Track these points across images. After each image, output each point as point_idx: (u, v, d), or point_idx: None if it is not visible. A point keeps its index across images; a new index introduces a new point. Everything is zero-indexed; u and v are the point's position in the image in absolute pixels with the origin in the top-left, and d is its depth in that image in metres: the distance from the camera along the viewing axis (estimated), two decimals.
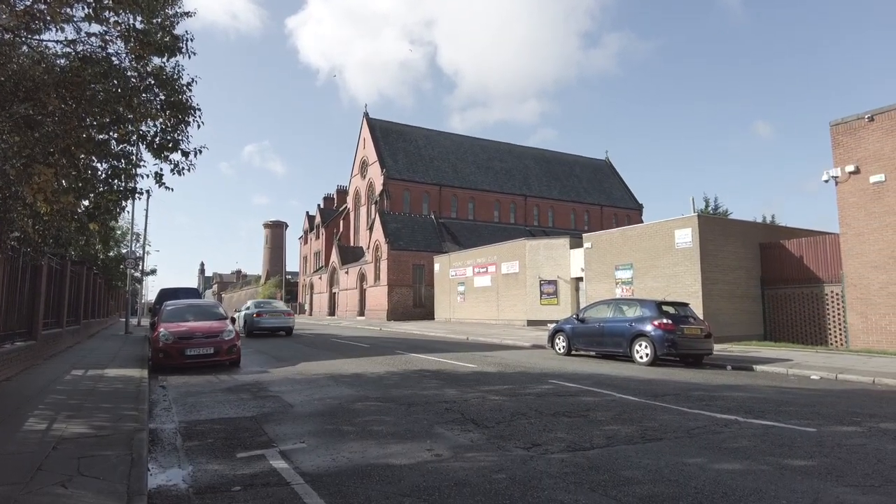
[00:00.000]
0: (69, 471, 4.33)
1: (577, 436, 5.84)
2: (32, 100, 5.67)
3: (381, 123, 54.52)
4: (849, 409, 7.52)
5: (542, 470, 4.65)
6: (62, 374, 10.01)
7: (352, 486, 4.25)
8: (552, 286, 28.23)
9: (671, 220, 20.16)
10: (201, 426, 6.41)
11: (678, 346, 12.46)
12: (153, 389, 9.07)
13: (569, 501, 3.92)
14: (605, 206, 61.29)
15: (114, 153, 7.49)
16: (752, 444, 5.56)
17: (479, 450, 5.32)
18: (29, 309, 10.97)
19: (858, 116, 16.01)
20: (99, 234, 10.13)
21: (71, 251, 14.92)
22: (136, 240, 30.23)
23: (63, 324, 14.71)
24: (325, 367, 11.86)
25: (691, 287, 18.78)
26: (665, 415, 6.99)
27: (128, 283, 28.74)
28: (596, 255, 23.36)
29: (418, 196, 50.92)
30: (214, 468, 4.77)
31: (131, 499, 3.81)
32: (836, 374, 10.73)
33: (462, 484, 4.28)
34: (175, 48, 6.83)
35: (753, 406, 7.59)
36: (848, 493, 4.12)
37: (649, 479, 4.44)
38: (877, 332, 15.35)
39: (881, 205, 15.41)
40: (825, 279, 18.21)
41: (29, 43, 6.51)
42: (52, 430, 5.65)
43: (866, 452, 5.25)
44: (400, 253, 42.95)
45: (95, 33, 6.48)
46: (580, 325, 14.61)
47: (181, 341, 11.60)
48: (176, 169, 7.62)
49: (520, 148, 62.54)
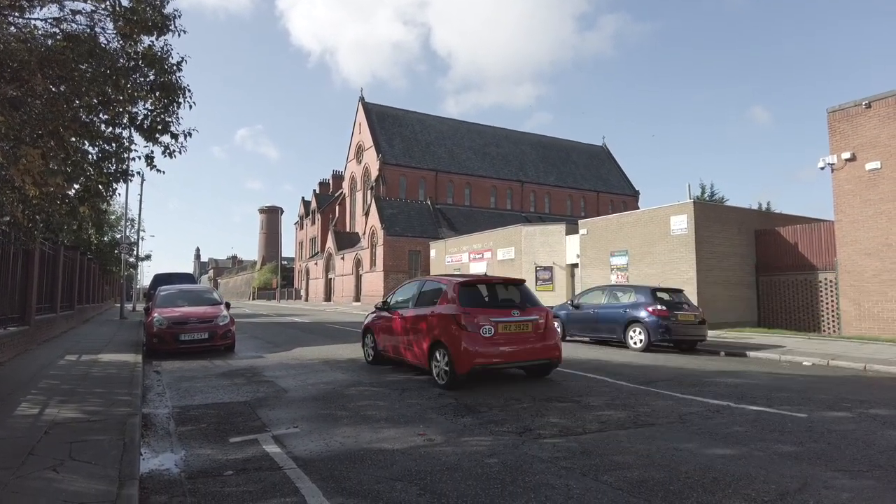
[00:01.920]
0: (61, 455, 4.32)
1: (569, 421, 5.87)
2: (18, 80, 5.56)
3: (377, 108, 54.08)
4: (840, 394, 7.58)
5: (533, 454, 4.67)
6: (56, 359, 9.98)
7: (344, 471, 4.26)
8: (548, 272, 28.27)
9: (667, 207, 20.14)
10: (195, 411, 6.41)
11: (672, 332, 12.52)
12: (147, 374, 9.06)
13: (560, 486, 3.94)
14: (602, 192, 61.25)
15: (104, 136, 7.37)
16: (744, 429, 5.60)
17: (471, 434, 5.34)
18: (21, 294, 10.90)
19: (856, 103, 15.95)
20: (91, 219, 10.03)
21: (63, 236, 14.79)
22: (131, 225, 30.06)
23: (57, 309, 14.64)
24: (320, 353, 11.87)
25: (686, 273, 18.83)
26: (658, 400, 7.02)
27: (122, 269, 28.62)
28: (591, 242, 23.36)
29: (414, 182, 50.72)
30: (207, 453, 4.77)
31: (123, 483, 3.81)
32: (829, 361, 10.81)
33: (454, 468, 4.30)
34: (164, 26, 6.69)
35: (746, 392, 7.64)
36: (837, 478, 4.15)
37: (641, 463, 4.46)
38: (869, 319, 15.45)
39: (876, 192, 15.41)
40: (819, 266, 18.28)
41: (16, 23, 6.37)
42: (45, 415, 5.63)
43: (856, 438, 5.30)
44: (396, 239, 42.90)
45: (81, 11, 6.34)
46: (575, 312, 14.65)
47: (176, 326, 11.58)
48: (167, 151, 7.52)
49: (516, 133, 62.25)
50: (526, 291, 8.83)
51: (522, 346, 7.98)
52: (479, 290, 8.64)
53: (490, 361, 7.74)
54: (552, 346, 8.27)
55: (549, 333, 8.36)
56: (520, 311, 8.18)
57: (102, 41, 6.68)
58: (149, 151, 7.57)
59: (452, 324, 7.77)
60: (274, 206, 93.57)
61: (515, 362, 8.16)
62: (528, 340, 8.04)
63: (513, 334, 7.95)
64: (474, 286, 8.62)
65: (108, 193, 8.10)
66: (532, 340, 8.07)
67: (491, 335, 7.72)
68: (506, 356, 7.89)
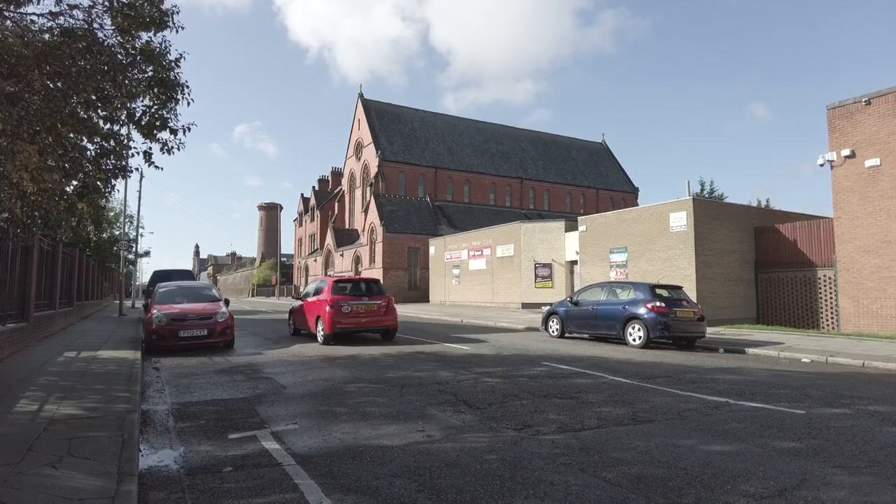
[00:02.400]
0: (60, 452, 4.31)
1: (568, 417, 5.87)
2: (15, 76, 5.54)
3: (376, 105, 53.96)
4: (838, 391, 7.59)
5: (532, 451, 4.67)
6: (55, 355, 9.98)
7: (343, 467, 4.26)
8: (547, 269, 28.28)
9: (666, 204, 20.13)
10: (194, 407, 6.41)
11: (671, 328, 12.52)
12: (146, 371, 9.05)
13: (558, 482, 3.94)
14: (601, 189, 61.20)
15: (102, 132, 7.35)
16: (743, 426, 5.60)
17: (470, 431, 5.34)
18: (20, 290, 10.88)
19: (855, 100, 15.93)
20: (89, 215, 10.01)
21: (62, 233, 14.77)
22: (129, 222, 30.02)
23: (56, 305, 14.62)
24: (319, 350, 11.87)
25: (685, 270, 18.84)
26: (657, 397, 7.03)
27: (121, 265, 28.59)
28: (591, 239, 23.35)
29: (414, 178, 50.66)
30: (206, 449, 4.76)
31: (122, 479, 3.80)
32: (827, 357, 10.83)
33: (453, 464, 4.30)
34: (162, 22, 6.66)
35: (744, 389, 7.64)
36: (835, 474, 4.15)
37: (639, 460, 4.47)
38: (868, 315, 15.47)
39: (876, 189, 15.41)
40: (818, 263, 18.29)
41: (12, 18, 6.34)
42: (44, 412, 5.63)
43: (854, 434, 5.30)
44: (395, 236, 42.86)
45: (78, 6, 6.31)
46: (574, 308, 14.66)
47: (175, 323, 11.57)
48: (165, 148, 7.49)
49: (516, 130, 62.14)
50: (376, 286, 14.27)
51: (370, 318, 13.12)
52: (345, 285, 13.93)
53: (346, 327, 12.79)
54: (390, 318, 13.48)
55: (390, 312, 13.50)
56: (369, 297, 13.44)
57: (100, 37, 6.65)
58: (147, 148, 7.55)
59: (326, 305, 12.82)
60: (273, 202, 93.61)
61: (364, 328, 13.25)
62: (374, 315, 13.18)
63: (363, 312, 13.01)
64: (342, 283, 14.07)
65: (107, 190, 8.09)
66: (376, 315, 13.21)
67: (349, 312, 12.75)
68: (357, 324, 12.95)
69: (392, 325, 13.51)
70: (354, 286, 14.07)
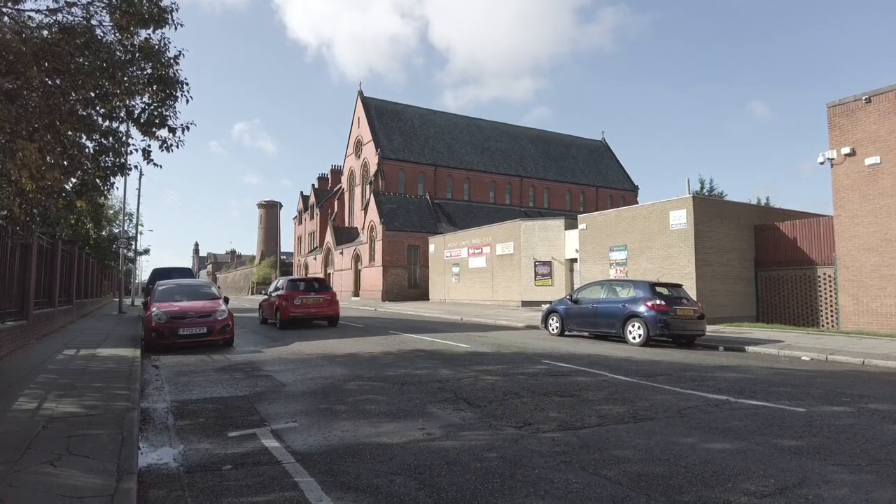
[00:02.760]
0: (59, 450, 4.30)
1: (568, 415, 5.87)
2: (14, 73, 5.51)
3: (375, 102, 53.87)
4: (838, 389, 7.59)
5: (532, 449, 4.67)
6: (54, 353, 9.97)
7: (343, 465, 4.25)
8: (547, 267, 28.27)
9: (666, 202, 20.12)
10: (193, 405, 6.40)
11: (671, 326, 12.52)
12: (146, 369, 9.04)
13: (559, 480, 3.94)
14: (601, 187, 61.14)
15: (101, 129, 7.32)
16: (743, 423, 5.60)
17: (470, 429, 5.34)
18: (19, 288, 10.87)
19: (856, 98, 15.91)
20: (88, 213, 10.00)
21: (61, 230, 14.75)
22: (129, 219, 29.99)
23: (55, 303, 14.61)
24: (319, 347, 11.86)
25: (685, 268, 18.84)
26: (657, 395, 7.03)
27: (121, 263, 28.56)
28: (590, 237, 23.34)
29: (413, 176, 50.61)
30: (205, 447, 4.76)
31: (121, 477, 3.79)
32: (827, 356, 10.83)
33: (453, 462, 4.29)
34: (161, 19, 6.63)
35: (745, 386, 7.64)
36: (836, 472, 4.15)
37: (640, 458, 4.46)
38: (867, 313, 15.48)
39: (876, 187, 15.40)
40: (818, 261, 18.29)
41: (10, 14, 6.31)
42: (43, 410, 5.62)
43: (854, 432, 5.30)
44: (395, 234, 42.82)
45: (77, 2, 6.28)
46: (574, 306, 14.65)
47: (174, 321, 11.55)
48: (164, 145, 7.47)
49: (516, 128, 62.06)
50: (323, 283, 18.80)
51: (317, 309, 16.72)
52: (299, 283, 17.69)
53: (297, 315, 16.31)
54: (333, 309, 17.07)
55: (333, 303, 17.14)
56: (317, 292, 17.03)
57: (99, 33, 6.62)
58: (146, 145, 7.53)
59: (283, 300, 16.36)
60: (272, 200, 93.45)
61: (312, 316, 16.75)
62: (320, 306, 16.77)
63: (311, 304, 16.64)
64: (296, 281, 17.94)
65: (106, 187, 8.06)
66: (323, 307, 16.80)
67: (300, 304, 16.41)
68: (306, 313, 16.52)
69: (334, 314, 17.13)
70: (307, 284, 17.70)
